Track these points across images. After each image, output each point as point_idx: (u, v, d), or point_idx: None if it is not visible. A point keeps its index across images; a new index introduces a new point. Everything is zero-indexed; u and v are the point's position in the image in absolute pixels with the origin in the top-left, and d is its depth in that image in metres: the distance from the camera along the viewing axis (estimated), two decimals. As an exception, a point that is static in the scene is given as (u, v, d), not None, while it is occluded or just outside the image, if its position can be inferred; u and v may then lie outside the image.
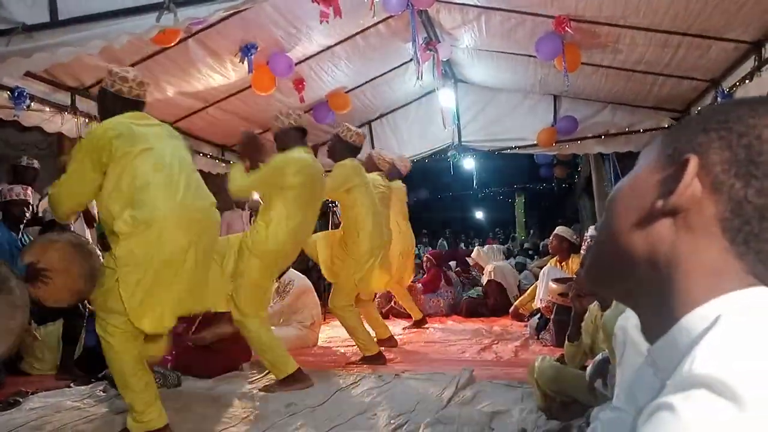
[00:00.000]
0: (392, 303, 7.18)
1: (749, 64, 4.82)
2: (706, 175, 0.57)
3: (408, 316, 6.51)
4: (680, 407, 0.46)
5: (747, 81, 4.87)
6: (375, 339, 4.69)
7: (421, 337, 5.68)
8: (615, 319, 1.16)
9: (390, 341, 5.11)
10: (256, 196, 5.39)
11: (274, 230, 3.61)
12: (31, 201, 4.41)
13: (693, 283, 0.56)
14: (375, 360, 4.41)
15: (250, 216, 7.06)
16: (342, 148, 4.55)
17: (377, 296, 7.38)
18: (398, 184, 5.90)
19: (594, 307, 2.74)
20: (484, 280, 7.42)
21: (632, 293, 0.63)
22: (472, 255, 8.12)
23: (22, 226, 4.40)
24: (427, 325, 6.30)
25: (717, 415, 0.44)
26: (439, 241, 17.61)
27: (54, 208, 2.93)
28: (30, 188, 4.46)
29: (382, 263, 4.68)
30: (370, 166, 5.30)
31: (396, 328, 6.00)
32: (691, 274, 0.56)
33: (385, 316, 7.35)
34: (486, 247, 8.63)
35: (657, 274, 0.59)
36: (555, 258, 5.80)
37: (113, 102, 3.00)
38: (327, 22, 4.40)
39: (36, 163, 5.00)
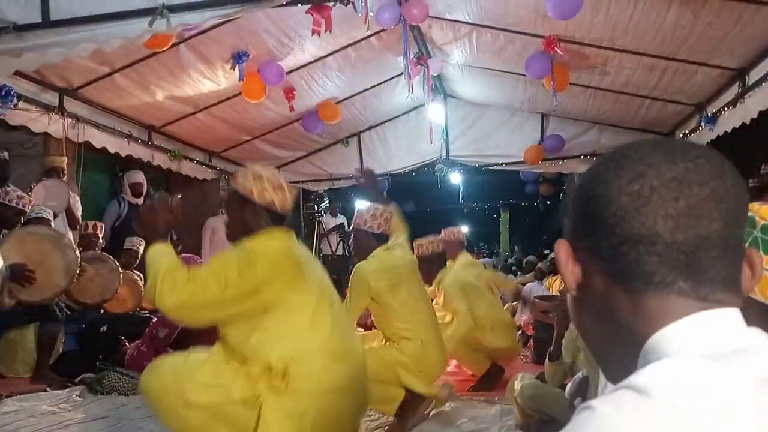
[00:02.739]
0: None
1: (734, 91, 4.91)
2: (576, 252, 0.68)
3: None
4: (597, 405, 0.52)
5: (731, 107, 4.96)
6: None
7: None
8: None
9: None
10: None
11: None
12: (27, 210, 4.35)
13: (636, 326, 0.63)
14: None
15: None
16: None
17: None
18: None
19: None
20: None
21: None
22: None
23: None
24: None
25: (627, 404, 0.51)
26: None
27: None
28: (28, 197, 4.39)
29: None
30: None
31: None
32: (627, 320, 0.64)
33: (368, 328, 7.33)
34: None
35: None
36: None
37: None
38: (318, 35, 4.44)
39: (6, 155, 4.91)
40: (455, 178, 9.78)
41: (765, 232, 1.06)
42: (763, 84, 4.39)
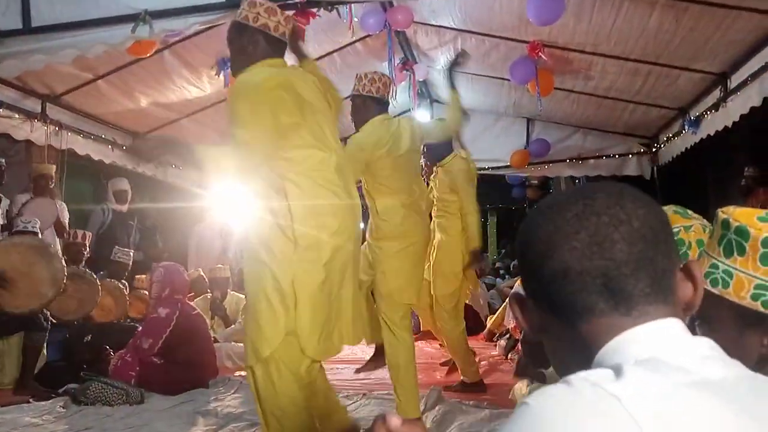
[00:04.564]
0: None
1: (716, 94, 4.96)
2: (526, 301, 0.76)
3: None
4: (528, 400, 0.60)
5: (713, 111, 5.01)
6: None
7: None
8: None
9: None
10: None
11: None
12: None
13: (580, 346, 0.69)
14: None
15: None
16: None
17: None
18: None
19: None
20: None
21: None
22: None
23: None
24: None
25: (550, 390, 0.60)
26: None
27: None
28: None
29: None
30: None
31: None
32: (573, 346, 0.71)
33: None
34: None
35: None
36: None
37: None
38: (302, 41, 4.41)
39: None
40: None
41: (738, 234, 1.07)
42: (744, 88, 4.44)
